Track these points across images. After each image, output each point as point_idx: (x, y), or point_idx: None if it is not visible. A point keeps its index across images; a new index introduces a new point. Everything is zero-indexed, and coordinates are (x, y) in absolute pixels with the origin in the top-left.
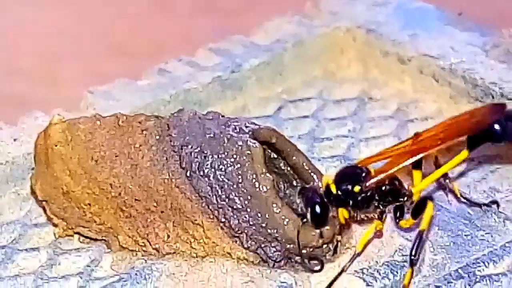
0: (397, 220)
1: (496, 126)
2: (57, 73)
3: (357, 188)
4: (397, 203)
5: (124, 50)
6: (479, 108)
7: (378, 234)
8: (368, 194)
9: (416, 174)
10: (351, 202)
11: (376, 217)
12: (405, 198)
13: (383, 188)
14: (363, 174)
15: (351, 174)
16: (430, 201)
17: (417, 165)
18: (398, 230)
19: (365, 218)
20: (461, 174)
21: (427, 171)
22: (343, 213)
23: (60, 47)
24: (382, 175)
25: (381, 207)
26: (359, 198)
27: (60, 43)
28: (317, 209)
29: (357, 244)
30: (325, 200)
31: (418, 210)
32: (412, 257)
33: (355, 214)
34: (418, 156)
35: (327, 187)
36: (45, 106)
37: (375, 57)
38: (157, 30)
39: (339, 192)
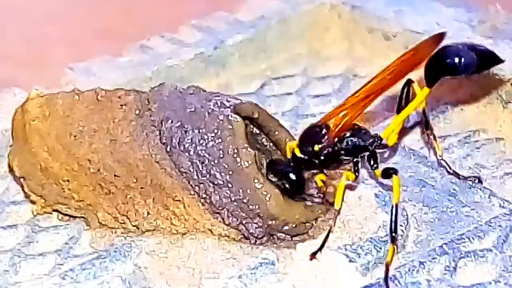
0: (373, 168)
1: (450, 60)
2: (43, 56)
3: (317, 147)
4: (368, 151)
5: (111, 29)
6: (421, 42)
7: (353, 185)
8: (331, 150)
9: (396, 118)
10: (317, 162)
11: (353, 169)
12: (374, 145)
13: (346, 140)
14: (323, 132)
15: (311, 134)
16: (395, 174)
17: (398, 110)
18: (382, 206)
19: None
20: (446, 150)
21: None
22: (320, 177)
23: (47, 30)
24: (338, 127)
25: (353, 159)
26: (323, 157)
27: (47, 26)
28: (292, 176)
29: (335, 203)
30: (295, 165)
31: (385, 175)
32: (393, 234)
33: (328, 173)
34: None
35: (293, 153)
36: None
37: (360, 34)
38: (143, 6)
39: (304, 155)
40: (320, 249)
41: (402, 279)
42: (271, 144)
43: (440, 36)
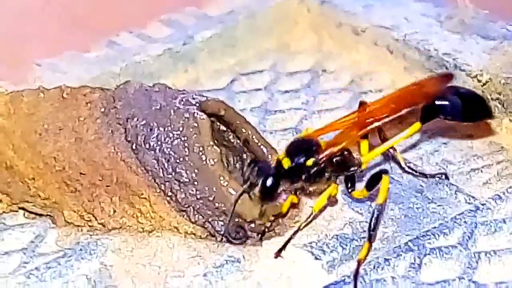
0: (350, 191)
1: (448, 102)
2: (22, 50)
3: (310, 162)
4: (348, 173)
5: (79, 23)
6: (428, 79)
7: (333, 200)
8: (321, 166)
9: (363, 143)
10: (303, 176)
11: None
12: (355, 168)
13: (335, 159)
14: (314, 147)
15: (302, 148)
16: (385, 174)
17: (364, 134)
18: (349, 203)
19: (316, 191)
20: (414, 146)
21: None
22: (292, 199)
23: (25, 22)
24: (335, 148)
25: (332, 178)
26: (312, 172)
27: (22, 20)
28: (269, 182)
29: (314, 206)
30: (279, 176)
31: (372, 182)
32: (371, 232)
33: (307, 188)
34: (369, 128)
35: (278, 162)
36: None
37: (329, 28)
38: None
39: (292, 167)
40: (284, 246)
41: (367, 276)
42: (238, 141)
43: (449, 76)
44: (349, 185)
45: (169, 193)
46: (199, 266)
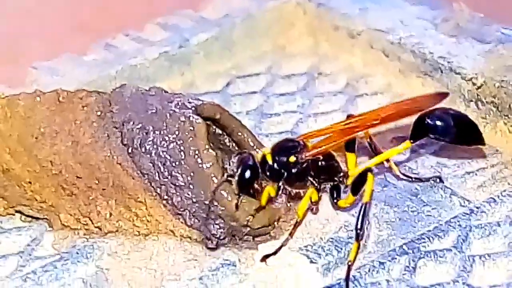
0: (335, 201)
1: (439, 122)
2: (18, 52)
3: (292, 159)
4: (332, 182)
5: (76, 27)
6: (423, 95)
7: (315, 205)
8: (303, 166)
9: (350, 157)
10: (285, 174)
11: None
12: (341, 179)
13: (319, 163)
14: (300, 147)
15: (287, 146)
16: (370, 172)
17: (351, 147)
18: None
19: (298, 195)
20: (410, 149)
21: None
22: (269, 191)
23: (22, 25)
24: (318, 149)
25: (316, 184)
26: (293, 170)
27: (22, 22)
28: (247, 174)
29: (297, 211)
30: (259, 168)
31: (357, 185)
32: (358, 231)
33: (290, 190)
34: (355, 133)
35: (263, 157)
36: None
37: (325, 31)
38: (107, 3)
39: (275, 163)
40: (275, 253)
41: (362, 280)
42: (233, 144)
43: (443, 95)
44: (335, 195)
45: (165, 197)
46: (195, 269)
